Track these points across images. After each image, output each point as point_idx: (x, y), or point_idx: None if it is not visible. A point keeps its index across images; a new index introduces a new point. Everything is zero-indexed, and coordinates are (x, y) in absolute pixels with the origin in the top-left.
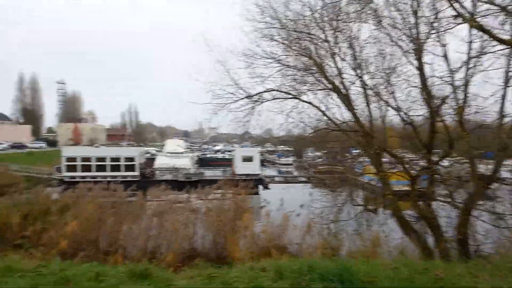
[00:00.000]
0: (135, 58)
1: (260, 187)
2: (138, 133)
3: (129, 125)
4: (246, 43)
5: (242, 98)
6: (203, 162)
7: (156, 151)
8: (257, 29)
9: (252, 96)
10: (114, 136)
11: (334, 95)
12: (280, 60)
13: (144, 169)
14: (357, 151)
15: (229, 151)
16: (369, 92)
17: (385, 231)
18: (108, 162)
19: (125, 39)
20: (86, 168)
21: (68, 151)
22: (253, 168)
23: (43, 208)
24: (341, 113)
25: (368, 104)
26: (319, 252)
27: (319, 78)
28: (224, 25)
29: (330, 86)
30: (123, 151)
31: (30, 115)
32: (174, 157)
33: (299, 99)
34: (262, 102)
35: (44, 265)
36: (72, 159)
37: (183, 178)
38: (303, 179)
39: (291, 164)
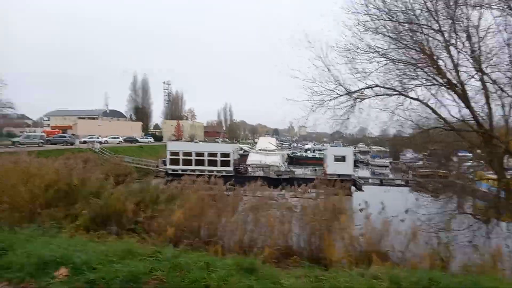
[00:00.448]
0: (228, 55)
1: (353, 188)
2: (232, 130)
3: (224, 123)
4: (347, 37)
5: (341, 95)
6: (292, 160)
7: (249, 148)
8: (360, 22)
9: (353, 92)
10: (210, 132)
11: (447, 92)
12: (385, 54)
13: (237, 165)
14: (467, 154)
15: (319, 150)
16: (491, 87)
17: (509, 245)
18: (206, 157)
19: (223, 35)
20: (187, 162)
21: (172, 146)
22: (346, 168)
23: (153, 197)
24: (455, 112)
25: (488, 101)
26: (427, 262)
27: (430, 73)
28: (325, 19)
29: (443, 81)
30: (220, 147)
31: (141, 112)
32: (265, 155)
33: (406, 96)
34: (363, 99)
35: (159, 251)
36: (176, 153)
37: (274, 175)
38: (400, 182)
39: (387, 166)
